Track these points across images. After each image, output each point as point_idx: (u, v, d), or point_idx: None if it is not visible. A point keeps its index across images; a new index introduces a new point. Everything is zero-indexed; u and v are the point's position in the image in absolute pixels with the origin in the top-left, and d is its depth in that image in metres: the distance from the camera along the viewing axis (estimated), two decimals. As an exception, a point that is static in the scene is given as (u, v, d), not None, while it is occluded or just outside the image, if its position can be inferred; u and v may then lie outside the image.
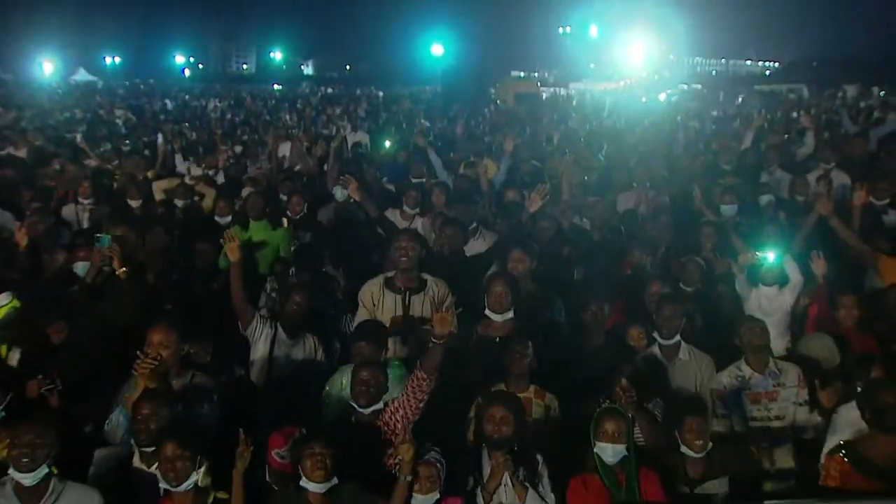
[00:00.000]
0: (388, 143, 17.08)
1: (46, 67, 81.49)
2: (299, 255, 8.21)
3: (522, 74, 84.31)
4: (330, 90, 66.15)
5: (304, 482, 4.63)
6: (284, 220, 9.52)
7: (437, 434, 5.31)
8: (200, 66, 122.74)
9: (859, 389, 5.61)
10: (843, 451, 5.14)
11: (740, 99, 48.00)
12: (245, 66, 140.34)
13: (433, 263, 7.33)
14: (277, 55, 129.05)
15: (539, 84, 58.13)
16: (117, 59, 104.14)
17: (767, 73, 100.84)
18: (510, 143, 12.12)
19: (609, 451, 5.08)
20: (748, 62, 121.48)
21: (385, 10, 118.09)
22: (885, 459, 4.98)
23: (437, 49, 55.57)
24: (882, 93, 52.55)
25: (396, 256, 6.77)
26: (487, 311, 6.48)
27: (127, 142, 18.15)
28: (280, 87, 72.22)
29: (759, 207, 10.15)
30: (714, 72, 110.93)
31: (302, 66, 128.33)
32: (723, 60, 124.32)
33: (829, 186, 9.35)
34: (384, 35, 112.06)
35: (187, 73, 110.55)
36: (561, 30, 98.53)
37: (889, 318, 7.23)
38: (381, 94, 58.98)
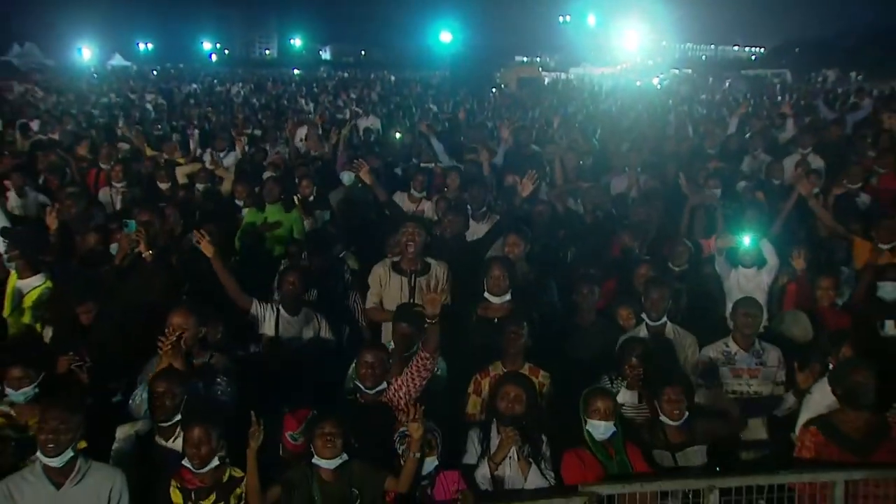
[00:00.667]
0: (396, 129, 17.04)
1: (85, 53, 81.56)
2: (310, 240, 8.12)
3: (526, 59, 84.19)
4: (346, 74, 65.79)
5: (316, 459, 4.63)
6: (296, 199, 9.45)
7: (436, 409, 5.27)
8: (226, 51, 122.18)
9: (831, 367, 5.62)
10: (818, 425, 5.14)
11: (727, 83, 47.68)
12: (268, 52, 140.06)
13: (436, 246, 7.29)
14: (297, 42, 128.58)
15: (540, 69, 57.72)
16: (150, 45, 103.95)
17: (753, 58, 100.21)
18: (506, 132, 12.14)
19: (601, 429, 5.05)
20: (735, 48, 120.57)
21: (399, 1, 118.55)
22: (857, 433, 5.00)
23: (445, 36, 55.56)
24: (859, 77, 52.30)
25: (403, 242, 6.75)
26: (486, 294, 6.42)
27: (159, 126, 17.96)
28: (300, 71, 71.82)
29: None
30: (704, 57, 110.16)
31: (320, 52, 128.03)
32: (712, 46, 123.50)
33: (807, 168, 9.25)
34: (397, 22, 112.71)
35: (214, 58, 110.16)
36: (561, 18, 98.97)
37: (862, 298, 7.23)
38: (393, 78, 58.72)
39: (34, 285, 6.69)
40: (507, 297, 6.38)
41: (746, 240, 7.33)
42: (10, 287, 6.74)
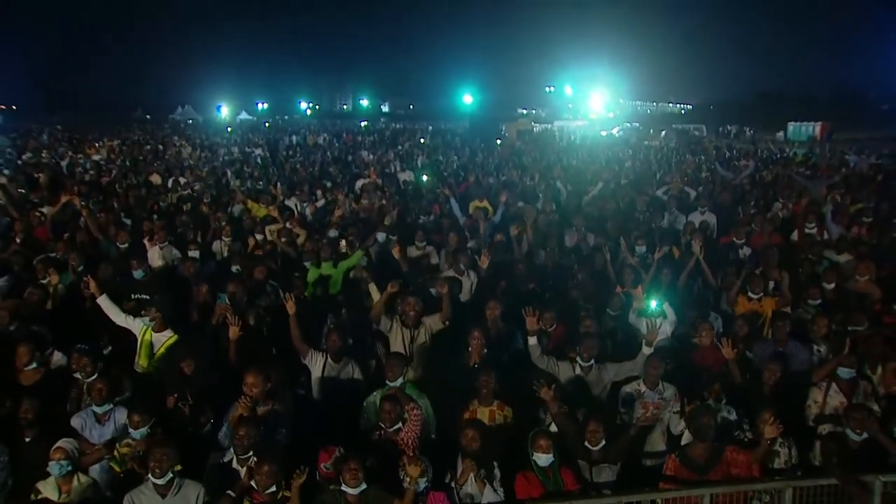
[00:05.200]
0: (424, 179, 16.80)
1: (224, 111, 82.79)
2: (348, 300, 7.86)
3: (525, 112, 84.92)
4: (398, 126, 65.70)
5: (344, 487, 4.56)
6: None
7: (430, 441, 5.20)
8: (317, 107, 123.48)
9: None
10: (677, 453, 5.19)
11: (663, 133, 46.90)
12: (345, 107, 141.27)
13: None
14: (365, 101, 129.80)
15: (532, 122, 57.44)
16: (265, 105, 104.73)
17: (683, 112, 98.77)
18: (503, 196, 11.78)
19: (543, 459, 4.96)
20: (670, 104, 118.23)
21: (435, 70, 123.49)
22: (701, 458, 5.08)
23: (467, 98, 55.45)
24: (752, 131, 51.28)
25: (405, 310, 6.66)
26: (470, 349, 6.31)
27: (261, 182, 17.55)
28: (366, 123, 71.84)
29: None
30: (648, 111, 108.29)
31: (381, 106, 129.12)
32: (654, 103, 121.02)
33: (701, 244, 8.81)
34: (434, 83, 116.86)
35: (309, 112, 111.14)
36: (547, 89, 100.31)
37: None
38: (430, 128, 58.70)
39: (167, 336, 6.51)
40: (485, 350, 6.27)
41: (653, 303, 7.14)
42: (146, 339, 6.52)
